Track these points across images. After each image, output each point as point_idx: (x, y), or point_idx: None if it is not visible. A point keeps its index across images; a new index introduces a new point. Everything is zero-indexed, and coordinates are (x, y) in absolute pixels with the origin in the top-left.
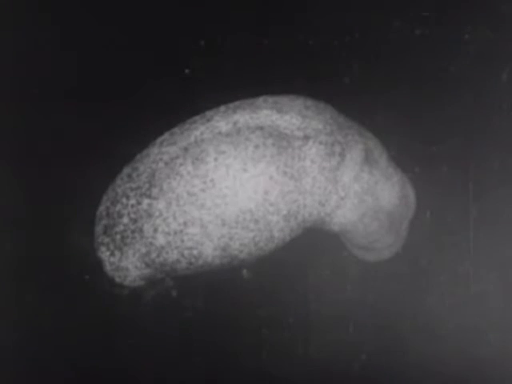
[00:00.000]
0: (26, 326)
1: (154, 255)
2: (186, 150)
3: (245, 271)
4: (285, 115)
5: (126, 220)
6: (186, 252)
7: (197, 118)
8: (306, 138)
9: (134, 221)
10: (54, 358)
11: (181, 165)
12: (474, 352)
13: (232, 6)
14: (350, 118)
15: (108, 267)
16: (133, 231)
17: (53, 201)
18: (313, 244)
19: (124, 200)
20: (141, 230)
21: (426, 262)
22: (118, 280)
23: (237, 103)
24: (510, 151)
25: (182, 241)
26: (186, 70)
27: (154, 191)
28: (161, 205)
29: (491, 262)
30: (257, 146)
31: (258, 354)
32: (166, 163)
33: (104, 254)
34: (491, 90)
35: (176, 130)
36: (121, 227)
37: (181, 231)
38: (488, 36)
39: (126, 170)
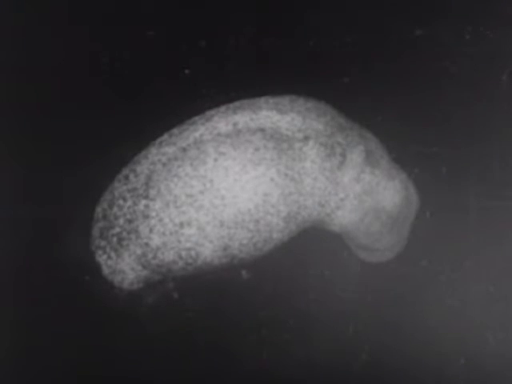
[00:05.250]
0: (25, 326)
1: (150, 256)
2: (184, 150)
3: (244, 272)
4: (286, 116)
5: (122, 221)
6: (183, 253)
7: (196, 118)
8: (307, 138)
9: (130, 221)
10: (54, 358)
11: (179, 166)
12: (474, 352)
13: (232, 6)
14: (350, 119)
15: (106, 271)
16: (129, 232)
17: (52, 202)
18: (313, 244)
19: (121, 202)
20: (136, 231)
21: (427, 262)
22: (116, 283)
23: (237, 104)
24: (510, 151)
25: (179, 241)
26: (186, 70)
27: (152, 193)
28: (157, 206)
29: (491, 262)
30: (257, 149)
31: (258, 354)
32: (164, 164)
33: (101, 257)
34: (491, 90)
35: (175, 130)
36: (117, 229)
37: (176, 232)
38: (488, 36)
39: (124, 172)
